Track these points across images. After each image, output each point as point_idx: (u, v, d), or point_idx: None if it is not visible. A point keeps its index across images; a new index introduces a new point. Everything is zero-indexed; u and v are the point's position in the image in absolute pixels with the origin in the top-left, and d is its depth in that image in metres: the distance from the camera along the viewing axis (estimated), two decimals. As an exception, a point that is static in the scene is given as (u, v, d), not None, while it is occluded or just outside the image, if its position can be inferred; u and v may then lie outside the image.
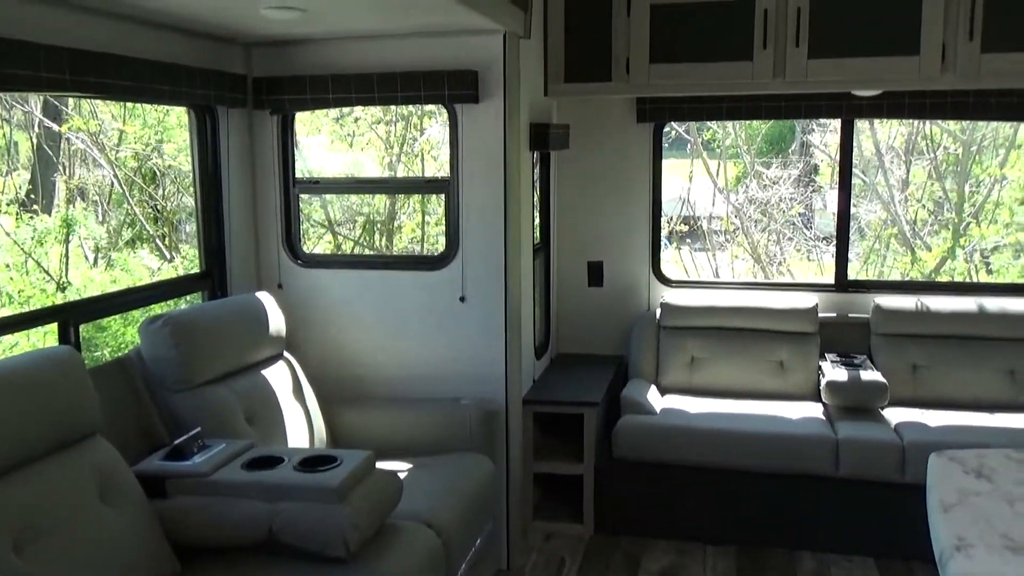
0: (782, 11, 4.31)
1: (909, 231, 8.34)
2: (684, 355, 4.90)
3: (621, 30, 4.51)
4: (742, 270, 8.97)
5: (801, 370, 4.75)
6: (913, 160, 8.43)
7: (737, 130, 8.73)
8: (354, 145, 8.05)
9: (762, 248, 8.92)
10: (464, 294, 4.04)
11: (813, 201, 9.26)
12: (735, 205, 8.84)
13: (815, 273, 8.94)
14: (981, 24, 4.10)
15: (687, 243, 9.41)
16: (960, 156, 8.24)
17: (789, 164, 9.44)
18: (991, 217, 8.17)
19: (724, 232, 9.07)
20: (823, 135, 9.09)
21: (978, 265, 8.05)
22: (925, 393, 4.59)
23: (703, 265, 9.01)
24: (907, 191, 8.42)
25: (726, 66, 4.41)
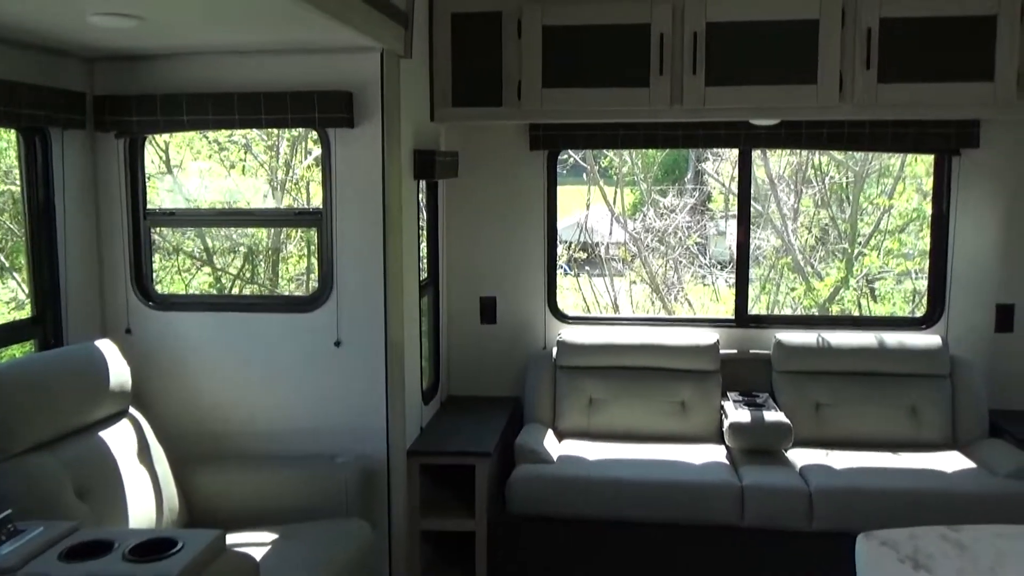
0: (678, 36, 4.12)
1: (802, 259, 8.37)
2: (582, 396, 4.62)
3: (512, 52, 4.24)
4: (640, 296, 8.87)
5: (703, 410, 4.53)
6: (804, 190, 8.50)
7: (634, 158, 8.64)
8: (245, 171, 7.54)
9: (660, 277, 8.82)
10: (340, 338, 3.65)
11: (707, 228, 9.25)
12: (633, 233, 8.72)
13: (710, 299, 8.92)
14: (877, 54, 4.01)
15: (586, 270, 9.30)
16: (850, 186, 8.36)
17: (685, 192, 9.43)
18: (879, 246, 8.30)
19: (622, 260, 8.94)
20: (716, 164, 9.10)
21: (864, 291, 8.13)
22: (828, 432, 4.43)
23: (602, 292, 8.87)
24: (798, 220, 8.48)
25: (622, 92, 4.19)
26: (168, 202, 7.04)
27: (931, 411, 4.41)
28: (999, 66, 3.96)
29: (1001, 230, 4.57)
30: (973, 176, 4.55)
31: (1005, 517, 3.73)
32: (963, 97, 4.01)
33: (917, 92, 4.02)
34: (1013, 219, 4.55)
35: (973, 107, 4.08)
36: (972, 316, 4.63)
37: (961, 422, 4.41)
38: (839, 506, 3.82)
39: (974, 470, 4.02)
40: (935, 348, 4.50)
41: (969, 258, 4.60)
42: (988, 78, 3.98)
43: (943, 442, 4.37)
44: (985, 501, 3.77)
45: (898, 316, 6.71)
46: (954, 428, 4.41)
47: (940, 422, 4.40)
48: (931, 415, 4.40)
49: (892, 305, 8.19)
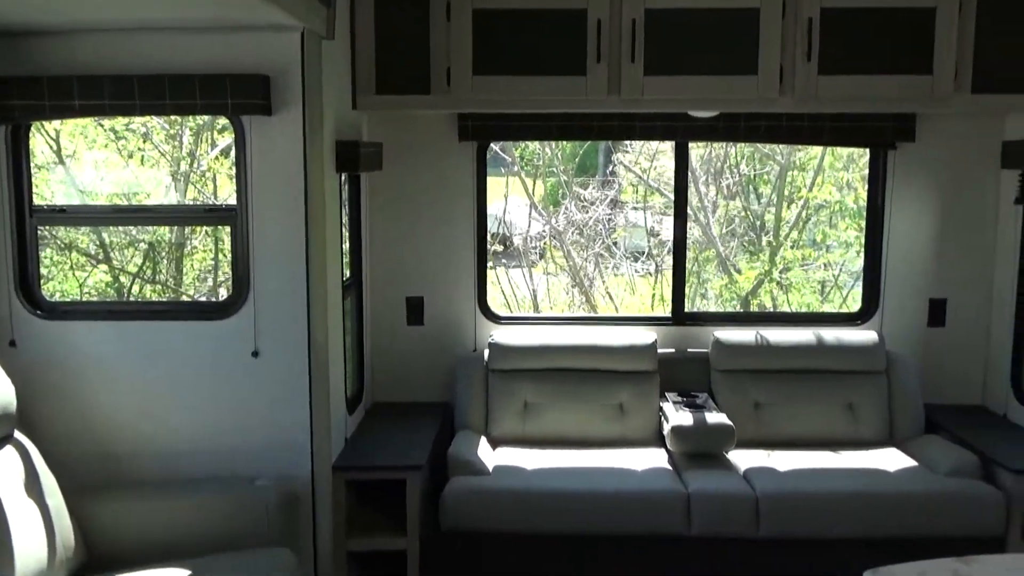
0: (616, 23, 3.93)
1: (725, 253, 8.35)
2: (516, 401, 4.39)
3: (441, 37, 3.96)
4: (560, 289, 8.72)
5: (642, 413, 4.37)
6: (723, 183, 8.48)
7: (554, 149, 8.45)
8: (143, 161, 7.00)
9: (583, 271, 8.69)
10: (257, 347, 3.32)
11: (617, 219, 9.18)
12: (555, 227, 8.55)
13: (626, 290, 8.84)
14: (818, 46, 3.90)
15: (503, 263, 9.12)
16: (758, 178, 8.39)
17: (605, 185, 9.32)
18: (799, 239, 8.36)
19: (539, 251, 8.78)
20: (635, 156, 9.00)
21: (780, 281, 8.17)
22: (768, 432, 4.33)
23: (519, 284, 8.70)
24: (717, 213, 8.46)
25: (558, 81, 3.98)
26: (60, 196, 6.48)
27: (868, 408, 4.36)
28: (937, 59, 3.91)
29: (934, 224, 4.55)
30: (908, 170, 4.51)
31: (949, 516, 3.71)
32: (902, 90, 3.95)
33: (857, 85, 3.94)
34: (946, 213, 4.53)
35: (912, 100, 4.01)
36: (906, 311, 4.61)
37: (898, 418, 4.37)
38: (786, 511, 3.71)
39: (915, 468, 3.97)
40: (872, 344, 4.45)
41: (903, 253, 4.57)
42: (927, 71, 3.93)
43: (881, 439, 4.32)
44: (930, 501, 3.72)
45: (833, 312, 6.72)
46: (891, 425, 4.37)
47: (877, 419, 4.35)
48: (868, 412, 4.35)
49: (801, 296, 8.26)
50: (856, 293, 8.00)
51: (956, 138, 4.46)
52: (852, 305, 7.95)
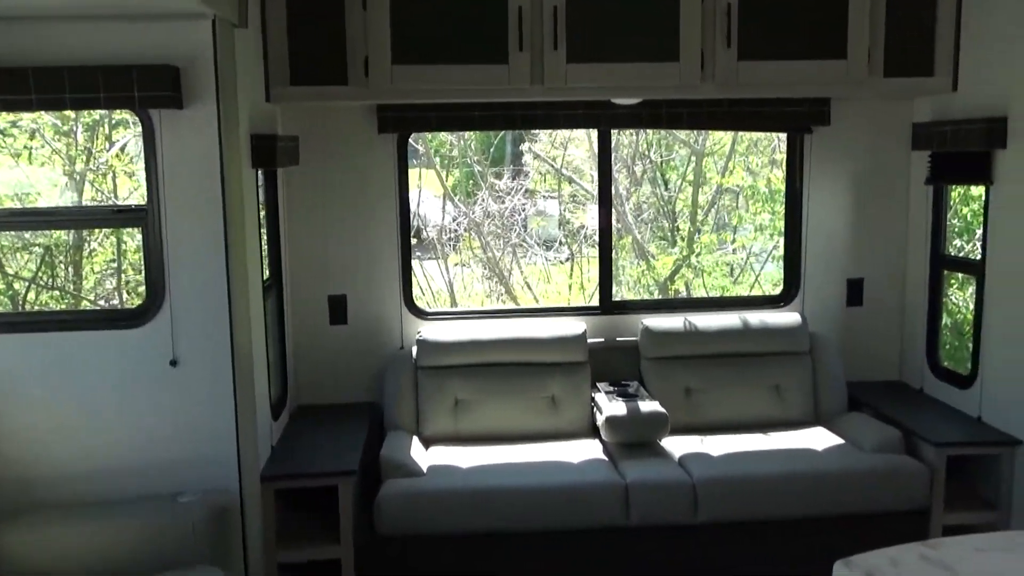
0: (538, 10, 3.86)
1: (641, 239, 8.43)
2: (447, 398, 4.29)
3: (357, 24, 3.81)
4: (474, 279, 8.65)
5: (574, 404, 4.33)
6: (639, 170, 8.55)
7: (466, 139, 8.36)
8: (32, 159, 6.55)
9: (501, 261, 8.63)
10: (176, 356, 3.13)
11: (529, 208, 9.17)
12: (473, 218, 8.46)
13: (541, 279, 8.84)
14: (737, 31, 3.91)
15: (417, 255, 9.01)
16: (665, 165, 8.50)
17: (519, 175, 9.28)
18: (712, 223, 8.51)
19: (453, 242, 8.69)
20: (545, 146, 8.98)
21: (694, 265, 8.29)
22: (699, 417, 4.36)
23: (434, 275, 8.59)
24: (631, 200, 8.52)
25: (480, 69, 3.88)
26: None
27: (794, 389, 4.43)
28: (851, 44, 3.98)
29: (850, 206, 4.65)
30: (824, 153, 4.60)
31: (878, 491, 3.80)
32: (819, 75, 4.00)
33: (776, 70, 3.98)
34: (861, 195, 4.64)
35: (829, 84, 4.08)
36: (825, 292, 4.71)
37: (822, 398, 4.47)
38: (722, 495, 3.74)
39: (842, 446, 4.06)
40: (795, 326, 4.52)
41: (821, 234, 4.66)
42: (842, 56, 3.99)
43: (807, 419, 4.41)
44: (859, 477, 3.81)
45: (757, 295, 6.83)
46: (816, 404, 4.46)
47: (803, 399, 4.43)
48: (794, 392, 4.43)
49: (712, 279, 8.42)
50: (767, 274, 8.23)
51: (869, 121, 4.57)
52: (764, 286, 8.17)
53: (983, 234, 4.06)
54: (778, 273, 8.12)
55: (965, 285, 6.08)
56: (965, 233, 6.52)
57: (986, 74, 3.93)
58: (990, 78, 3.89)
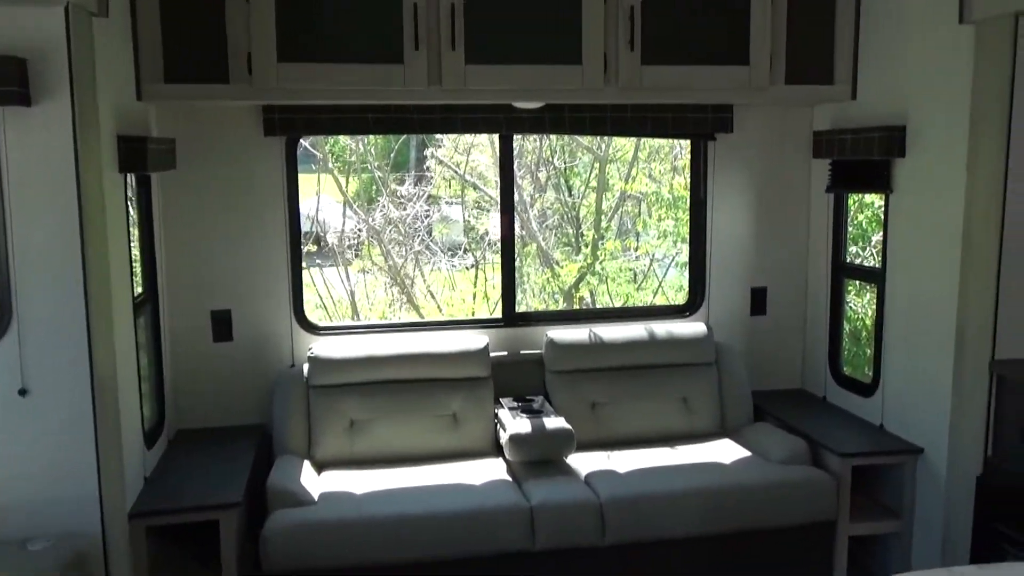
0: (434, 7, 3.65)
1: (546, 246, 8.31)
2: (341, 419, 4.03)
3: (239, 18, 3.53)
4: (378, 287, 8.38)
5: (477, 421, 4.13)
6: (542, 176, 8.44)
7: (366, 144, 8.08)
8: None
9: (402, 269, 8.38)
10: (25, 384, 2.78)
11: (433, 214, 8.98)
12: (372, 225, 8.18)
13: (446, 285, 8.64)
14: (641, 35, 3.80)
15: (317, 263, 8.69)
16: (568, 171, 8.44)
17: (421, 180, 9.05)
18: (616, 229, 8.47)
19: (355, 249, 8.40)
20: (449, 151, 8.79)
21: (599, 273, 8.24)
22: (606, 431, 4.23)
23: (335, 283, 8.29)
24: (535, 207, 8.41)
25: (373, 69, 3.66)
26: None
27: (701, 400, 4.35)
28: (753, 51, 3.92)
29: (753, 214, 4.61)
30: (727, 161, 4.54)
31: (786, 504, 3.73)
32: (722, 81, 3.93)
33: (680, 75, 3.89)
34: (763, 203, 4.61)
35: (732, 91, 4.02)
36: (730, 300, 4.65)
37: (729, 408, 4.40)
38: (630, 516, 3.60)
39: (750, 459, 3.99)
40: (701, 336, 4.44)
41: (725, 243, 4.61)
42: (744, 62, 3.93)
43: (714, 430, 4.33)
44: (767, 490, 3.73)
45: (662, 305, 6.76)
46: (723, 415, 4.39)
47: (710, 410, 4.35)
48: (701, 404, 4.35)
49: (617, 285, 8.40)
50: (670, 280, 8.24)
51: (771, 129, 4.54)
52: (667, 292, 8.17)
53: (883, 243, 4.06)
54: (681, 279, 8.18)
55: (862, 292, 6.17)
56: (861, 239, 6.64)
57: (885, 83, 3.93)
58: (889, 87, 3.90)
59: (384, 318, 8.18)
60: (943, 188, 3.54)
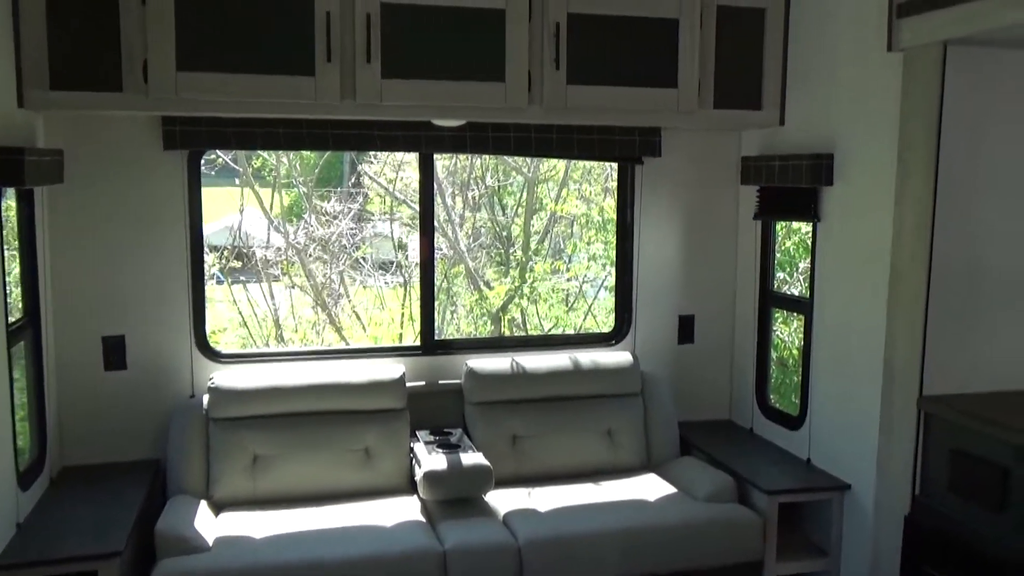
0: (348, 17, 3.44)
1: (474, 266, 8.11)
2: (244, 455, 3.75)
3: (134, 21, 3.28)
4: (303, 306, 8.07)
5: (391, 457, 3.89)
6: (469, 195, 8.26)
7: (291, 159, 7.79)
8: None
9: (326, 290, 8.08)
10: None
11: (366, 230, 8.73)
12: (295, 245, 7.88)
13: (375, 303, 8.38)
14: (567, 53, 3.66)
15: (241, 280, 8.34)
16: (502, 190, 8.30)
17: (347, 197, 8.79)
18: (547, 250, 8.32)
19: (278, 264, 8.08)
20: (380, 167, 8.56)
21: (529, 295, 8.09)
22: (527, 466, 4.04)
23: (259, 300, 7.95)
24: (465, 226, 8.22)
25: (282, 81, 3.43)
26: None
27: (626, 433, 4.19)
28: (681, 73, 3.81)
29: (681, 240, 4.49)
30: (655, 185, 4.42)
31: (712, 544, 3.60)
32: (650, 103, 3.82)
33: (606, 96, 3.76)
34: (691, 229, 4.50)
35: (659, 113, 3.89)
36: (657, 329, 4.52)
37: (654, 441, 4.25)
38: (549, 559, 3.41)
39: (675, 496, 3.83)
40: (627, 366, 4.29)
41: (653, 269, 4.48)
42: (672, 85, 3.82)
43: (640, 464, 4.17)
44: (692, 530, 3.58)
45: (588, 333, 6.61)
46: (648, 448, 4.24)
47: (635, 443, 4.20)
48: (627, 437, 4.19)
49: (549, 307, 8.25)
50: (600, 303, 8.12)
51: (699, 154, 4.43)
52: (597, 313, 8.04)
53: (811, 272, 3.97)
54: (611, 301, 8.07)
55: (788, 320, 6.12)
56: (788, 266, 6.61)
57: (813, 110, 3.86)
58: (817, 114, 3.82)
59: (306, 340, 7.88)
60: (871, 218, 3.47)
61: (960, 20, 2.92)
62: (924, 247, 3.19)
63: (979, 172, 3.22)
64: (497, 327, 7.98)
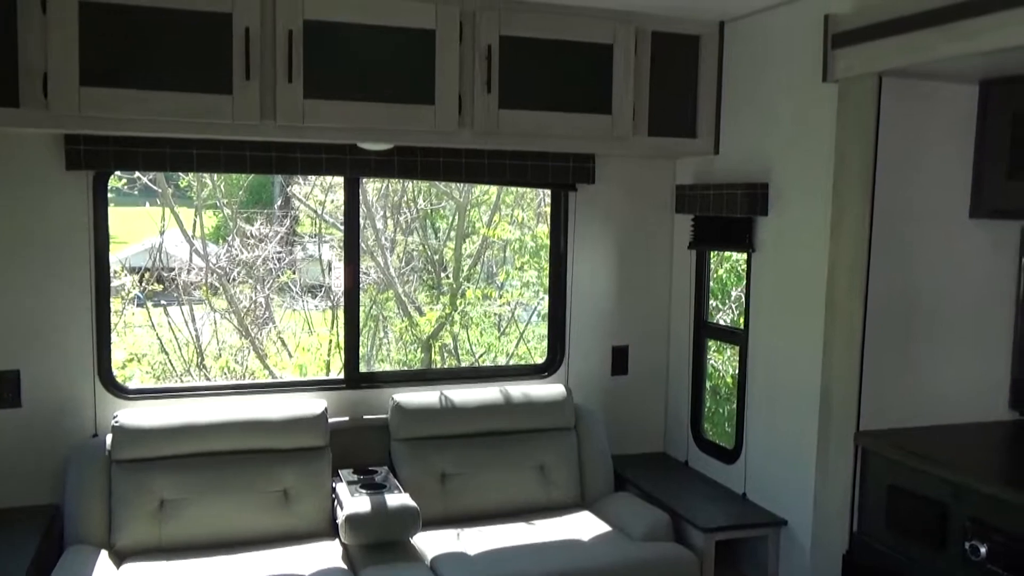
0: (269, 34, 3.26)
1: (405, 291, 7.91)
2: (150, 499, 3.47)
3: (33, 33, 3.04)
4: (226, 332, 7.75)
5: (312, 499, 3.66)
6: (401, 220, 8.08)
7: (216, 179, 7.51)
8: None
9: (250, 315, 7.77)
10: None
11: (296, 252, 8.46)
12: (217, 270, 7.57)
13: (303, 327, 8.10)
14: (499, 76, 3.54)
15: (162, 304, 7.99)
16: (434, 213, 8.15)
17: (275, 219, 8.52)
18: (479, 274, 8.18)
19: (203, 297, 7.75)
20: (310, 189, 8.31)
21: (460, 321, 7.92)
22: (457, 506, 3.85)
23: (180, 326, 7.60)
24: (396, 250, 8.02)
25: (196, 99, 3.22)
26: None
27: (560, 468, 4.04)
28: (616, 99, 3.73)
29: (615, 269, 4.40)
30: (589, 213, 4.32)
31: (647, 585, 3.45)
32: (584, 129, 3.72)
33: (539, 121, 3.66)
34: (625, 257, 4.40)
35: (594, 140, 3.80)
36: (590, 360, 4.40)
37: (589, 477, 4.11)
38: (480, 607, 3.22)
39: (610, 535, 3.69)
40: (560, 399, 4.15)
41: (587, 298, 4.37)
42: (606, 111, 3.74)
43: (573, 501, 4.02)
44: (628, 570, 3.44)
45: (519, 364, 6.48)
46: (582, 484, 4.09)
47: (569, 480, 4.05)
48: (560, 473, 4.04)
49: (481, 333, 8.10)
50: (532, 329, 8.00)
51: (633, 181, 4.35)
52: (530, 339, 7.91)
53: (745, 303, 3.91)
54: (542, 327, 7.95)
55: (721, 349, 6.08)
56: (720, 293, 6.60)
57: (747, 139, 3.81)
58: (751, 143, 3.78)
59: (226, 368, 7.56)
60: (806, 249, 3.42)
61: (895, 52, 2.90)
62: (861, 278, 3.13)
63: (914, 203, 3.20)
64: (428, 354, 7.79)
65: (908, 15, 2.82)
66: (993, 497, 2.60)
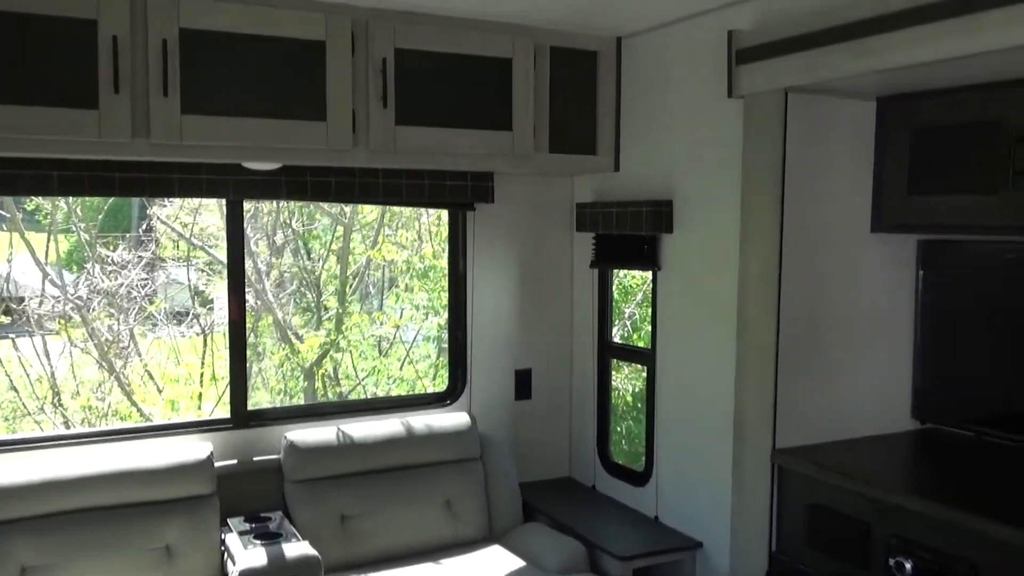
0: (140, 43, 2.95)
1: (283, 316, 7.51)
2: (9, 565, 3.05)
3: None
4: (85, 364, 7.14)
5: (198, 553, 3.32)
6: (279, 242, 7.69)
7: (71, 201, 6.93)
8: None
9: (112, 350, 7.19)
10: None
11: (159, 277, 7.92)
12: (74, 300, 6.96)
13: (170, 359, 7.57)
14: (395, 91, 3.34)
15: (10, 336, 7.29)
16: (308, 234, 7.82)
17: (139, 245, 7.94)
18: (363, 301, 7.88)
19: (60, 328, 7.12)
20: (175, 211, 7.79)
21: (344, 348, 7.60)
22: (360, 549, 3.59)
23: (32, 359, 6.95)
24: (272, 275, 7.62)
25: (57, 114, 2.88)
26: None
27: (467, 501, 3.86)
28: (516, 115, 3.60)
29: (516, 290, 4.26)
30: (488, 233, 4.16)
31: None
32: (484, 146, 3.57)
33: (438, 137, 3.48)
34: (526, 278, 4.27)
35: (494, 157, 3.65)
36: (493, 385, 4.24)
37: (496, 509, 3.94)
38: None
39: (524, 570, 3.53)
40: (464, 428, 3.97)
41: (488, 321, 4.20)
42: (507, 128, 3.60)
43: (482, 535, 3.85)
44: (546, 610, 3.29)
45: (419, 394, 6.21)
46: (490, 517, 3.91)
47: (477, 513, 3.86)
48: (467, 506, 3.85)
49: (362, 357, 7.81)
50: (423, 349, 7.77)
51: (532, 200, 4.24)
52: (415, 358, 7.67)
53: (652, 322, 3.84)
54: (427, 347, 7.73)
55: (619, 367, 6.05)
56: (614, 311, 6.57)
57: (649, 155, 3.76)
58: (653, 160, 3.73)
59: (88, 406, 6.95)
60: (714, 266, 3.37)
61: (800, 68, 2.89)
62: (772, 294, 3.10)
63: (820, 218, 3.20)
64: (311, 383, 7.42)
65: (812, 32, 2.82)
66: (919, 514, 2.59)
